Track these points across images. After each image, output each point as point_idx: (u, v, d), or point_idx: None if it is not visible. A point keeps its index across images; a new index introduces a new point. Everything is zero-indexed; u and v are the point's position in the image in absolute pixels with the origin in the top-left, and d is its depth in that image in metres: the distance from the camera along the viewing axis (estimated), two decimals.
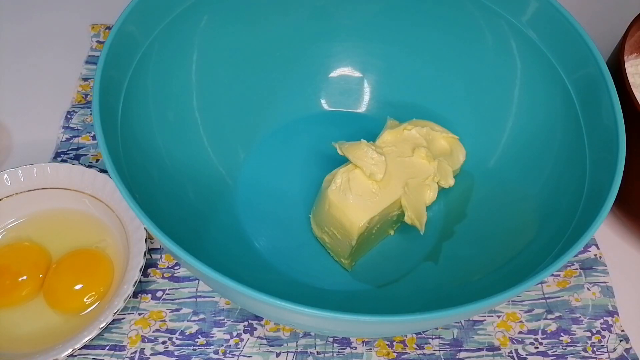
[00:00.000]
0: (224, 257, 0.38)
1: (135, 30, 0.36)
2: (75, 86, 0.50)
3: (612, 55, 0.41)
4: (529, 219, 0.38)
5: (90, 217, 0.42)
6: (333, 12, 0.45)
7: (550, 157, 0.39)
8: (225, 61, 0.44)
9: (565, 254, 0.30)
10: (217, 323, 0.40)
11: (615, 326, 0.41)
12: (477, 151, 0.43)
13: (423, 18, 0.44)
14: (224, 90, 0.44)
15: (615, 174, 0.32)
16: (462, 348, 0.40)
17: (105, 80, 0.33)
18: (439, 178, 0.40)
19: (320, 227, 0.41)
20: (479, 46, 0.43)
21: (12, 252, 0.41)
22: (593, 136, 0.36)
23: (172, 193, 0.38)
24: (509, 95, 0.42)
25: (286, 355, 0.39)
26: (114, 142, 0.33)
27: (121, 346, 0.39)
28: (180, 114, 0.41)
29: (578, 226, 0.32)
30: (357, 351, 0.39)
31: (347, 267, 0.41)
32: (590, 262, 0.43)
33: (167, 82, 0.40)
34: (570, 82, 0.38)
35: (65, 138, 0.47)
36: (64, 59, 0.52)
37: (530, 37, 0.40)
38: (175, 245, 0.28)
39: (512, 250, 0.37)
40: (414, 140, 0.41)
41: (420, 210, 0.39)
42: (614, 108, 0.34)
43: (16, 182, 0.42)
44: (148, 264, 0.42)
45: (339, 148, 0.39)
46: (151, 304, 0.40)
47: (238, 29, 0.43)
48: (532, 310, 0.41)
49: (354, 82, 0.48)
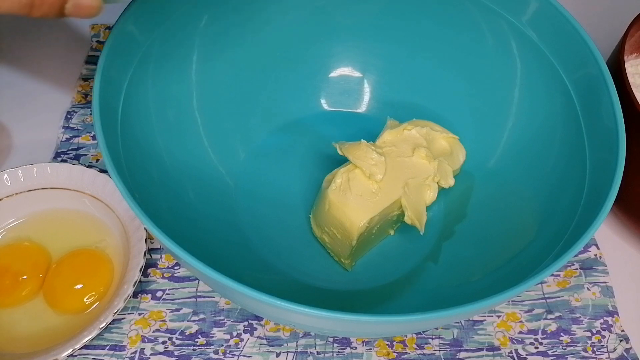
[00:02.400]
0: (224, 257, 0.38)
1: (135, 30, 0.36)
2: (75, 86, 0.50)
3: (612, 55, 0.41)
4: (529, 218, 0.38)
5: (90, 217, 0.42)
6: (333, 12, 0.45)
7: (550, 157, 0.39)
8: (225, 61, 0.44)
9: (565, 254, 0.30)
10: (217, 323, 0.40)
11: (615, 326, 0.41)
12: (477, 151, 0.43)
13: (423, 18, 0.44)
14: (224, 90, 0.44)
15: (615, 174, 0.32)
16: (462, 348, 0.40)
17: (105, 80, 0.33)
18: (439, 178, 0.40)
19: (320, 227, 0.41)
20: (479, 46, 0.43)
21: (12, 252, 0.41)
22: (593, 136, 0.36)
23: (172, 193, 0.38)
24: (509, 95, 0.42)
25: (286, 355, 0.39)
26: (114, 142, 0.33)
27: (121, 346, 0.39)
28: (180, 114, 0.41)
29: (578, 226, 0.32)
30: (357, 351, 0.39)
31: (347, 267, 0.41)
32: (590, 262, 0.43)
33: (167, 82, 0.40)
34: (570, 82, 0.38)
35: (65, 138, 0.47)
36: (64, 59, 0.52)
37: (530, 37, 0.40)
38: (175, 245, 0.28)
39: (512, 250, 0.37)
40: (414, 140, 0.41)
41: (420, 211, 0.39)
42: (614, 108, 0.34)
43: (16, 182, 0.42)
44: (148, 264, 0.42)
45: (339, 148, 0.39)
46: (151, 304, 0.40)
47: (238, 29, 0.43)
48: (532, 310, 0.41)
49: (354, 82, 0.48)
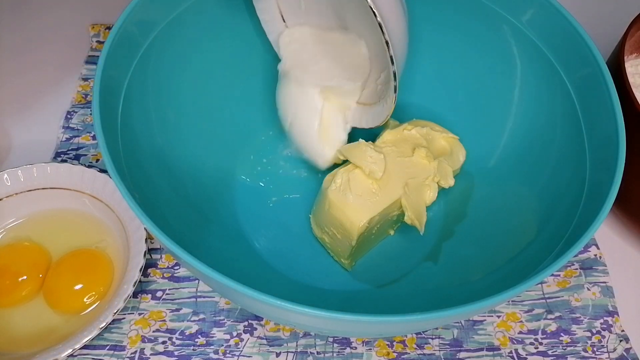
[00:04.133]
0: (224, 257, 0.38)
1: (135, 30, 0.36)
2: (75, 86, 0.50)
3: (612, 55, 0.41)
4: (528, 218, 0.38)
5: (90, 217, 0.42)
6: None
7: (550, 157, 0.39)
8: (226, 61, 0.44)
9: (565, 254, 0.30)
10: (217, 323, 0.40)
11: (615, 326, 0.41)
12: (477, 151, 0.43)
13: (422, 18, 0.44)
14: (224, 90, 0.44)
15: (615, 174, 0.32)
16: (462, 348, 0.40)
17: (105, 80, 0.33)
18: (439, 178, 0.40)
19: (320, 227, 0.41)
20: (479, 46, 0.43)
21: (12, 252, 0.41)
22: (593, 136, 0.36)
23: (172, 193, 0.38)
24: (509, 95, 0.42)
25: (286, 355, 0.39)
26: (114, 142, 0.33)
27: (121, 346, 0.39)
28: (180, 114, 0.41)
29: (578, 226, 0.32)
30: (357, 351, 0.39)
31: (347, 267, 0.41)
32: (590, 262, 0.43)
33: (167, 82, 0.40)
34: (570, 82, 0.38)
35: (65, 138, 0.47)
36: (64, 59, 0.52)
37: (530, 37, 0.40)
38: (175, 245, 0.28)
39: (512, 250, 0.37)
40: (414, 140, 0.41)
41: (420, 211, 0.39)
42: (614, 108, 0.34)
43: (16, 182, 0.42)
44: (148, 264, 0.42)
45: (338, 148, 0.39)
46: (151, 304, 0.40)
47: (238, 29, 0.43)
48: (532, 310, 0.41)
49: None
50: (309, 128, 0.40)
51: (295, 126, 0.41)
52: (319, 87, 0.40)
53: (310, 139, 0.41)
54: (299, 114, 0.41)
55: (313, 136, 0.40)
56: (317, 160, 0.41)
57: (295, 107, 0.41)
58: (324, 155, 0.41)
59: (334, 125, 0.40)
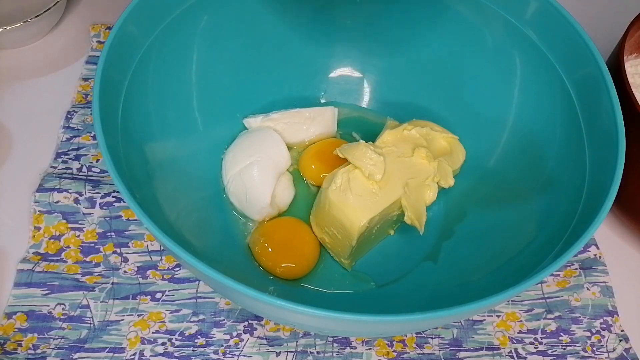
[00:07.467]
0: (224, 258, 0.38)
1: (135, 30, 0.36)
2: (75, 86, 0.50)
3: (612, 55, 0.41)
4: (528, 218, 0.38)
5: None
6: (333, 12, 0.45)
7: (550, 157, 0.39)
8: (225, 61, 0.44)
9: (565, 254, 0.30)
10: (217, 323, 0.40)
11: (615, 326, 0.41)
12: (477, 151, 0.43)
13: (423, 18, 0.44)
14: (224, 90, 0.44)
15: (615, 174, 0.32)
16: (462, 348, 0.40)
17: (105, 80, 0.33)
18: (439, 178, 0.40)
19: (320, 227, 0.41)
20: (479, 46, 0.43)
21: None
22: (593, 136, 0.36)
23: (172, 193, 0.38)
24: (509, 95, 0.42)
25: (286, 355, 0.39)
26: (114, 142, 0.33)
27: (120, 348, 0.38)
28: (180, 113, 0.41)
29: (578, 226, 0.32)
30: (357, 351, 0.39)
31: (347, 267, 0.41)
32: (590, 262, 0.43)
33: (167, 82, 0.40)
34: (570, 82, 0.38)
35: (65, 138, 0.47)
36: (64, 59, 0.52)
37: (530, 37, 0.40)
38: (175, 245, 0.28)
39: (512, 250, 0.37)
40: (414, 140, 0.41)
41: (420, 211, 0.39)
42: (614, 108, 0.34)
43: None
44: (148, 265, 0.42)
45: (338, 149, 0.39)
46: (150, 305, 0.40)
47: (238, 29, 0.43)
48: (532, 310, 0.41)
49: (354, 82, 0.48)
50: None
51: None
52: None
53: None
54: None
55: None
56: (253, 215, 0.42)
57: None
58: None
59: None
